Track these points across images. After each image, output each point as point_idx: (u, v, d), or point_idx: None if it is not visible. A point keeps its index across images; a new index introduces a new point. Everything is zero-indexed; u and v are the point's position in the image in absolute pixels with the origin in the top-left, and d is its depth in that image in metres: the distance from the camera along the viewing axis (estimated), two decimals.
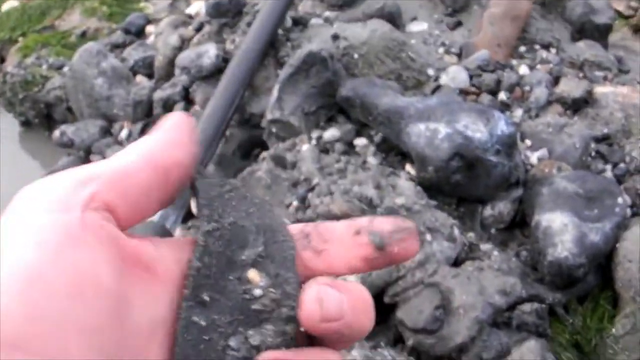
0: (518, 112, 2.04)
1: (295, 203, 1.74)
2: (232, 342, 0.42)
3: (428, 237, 1.67)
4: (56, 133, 2.36)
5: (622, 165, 1.95)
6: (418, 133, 1.78)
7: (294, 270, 0.46)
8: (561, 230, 1.69)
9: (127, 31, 2.68)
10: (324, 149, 1.89)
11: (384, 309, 1.69)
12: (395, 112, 1.83)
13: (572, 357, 1.66)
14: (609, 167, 1.96)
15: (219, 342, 0.42)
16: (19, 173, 2.49)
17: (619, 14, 2.85)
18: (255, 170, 1.83)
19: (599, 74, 2.28)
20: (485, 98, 2.04)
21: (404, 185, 1.74)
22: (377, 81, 1.94)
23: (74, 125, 2.39)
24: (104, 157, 2.22)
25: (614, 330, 1.70)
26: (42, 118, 2.62)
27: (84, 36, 2.81)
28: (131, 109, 2.33)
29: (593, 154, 1.98)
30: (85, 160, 2.31)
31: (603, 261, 1.75)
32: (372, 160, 1.86)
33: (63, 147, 2.35)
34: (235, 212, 0.47)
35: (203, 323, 0.42)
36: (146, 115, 2.32)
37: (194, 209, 0.47)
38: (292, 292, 0.44)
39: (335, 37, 2.02)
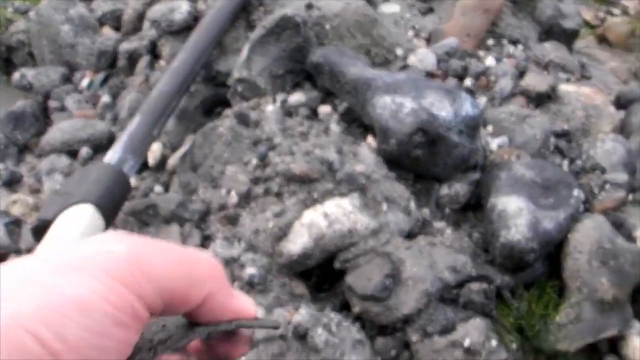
0: (482, 100, 2.05)
1: (254, 161, 1.73)
2: None
3: (384, 206, 1.67)
4: (16, 75, 2.32)
5: (578, 162, 1.98)
6: (383, 105, 1.78)
7: None
8: (516, 214, 1.70)
9: None
10: (288, 112, 1.89)
11: (333, 275, 1.69)
12: (363, 82, 1.83)
13: (515, 340, 1.68)
14: (565, 162, 1.98)
15: None
16: None
17: (586, 23, 2.90)
18: (217, 126, 1.81)
19: (563, 75, 2.31)
20: (451, 82, 2.04)
21: (365, 154, 1.74)
22: (348, 51, 1.94)
23: (35, 69, 2.35)
24: (62, 104, 2.21)
25: (557, 318, 1.72)
26: (1, 61, 2.57)
27: None
28: (95, 59, 2.29)
29: (552, 147, 2.00)
30: (43, 104, 2.27)
31: (553, 250, 1.77)
32: (334, 128, 1.85)
33: (21, 90, 2.31)
34: None
35: None
36: (109, 66, 2.29)
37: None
38: None
39: (309, 6, 2.02)
